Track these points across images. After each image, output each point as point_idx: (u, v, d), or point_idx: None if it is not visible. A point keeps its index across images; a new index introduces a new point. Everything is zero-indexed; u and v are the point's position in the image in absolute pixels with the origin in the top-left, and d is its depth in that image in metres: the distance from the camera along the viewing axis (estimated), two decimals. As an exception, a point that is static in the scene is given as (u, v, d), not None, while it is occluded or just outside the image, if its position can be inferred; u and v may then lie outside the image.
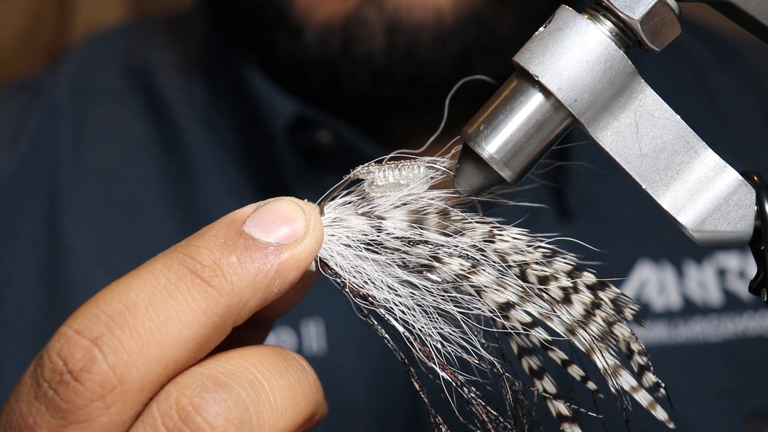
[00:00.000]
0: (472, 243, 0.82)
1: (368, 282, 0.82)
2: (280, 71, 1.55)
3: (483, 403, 0.80)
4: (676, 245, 1.61)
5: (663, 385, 0.83)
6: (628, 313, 0.83)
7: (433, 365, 0.80)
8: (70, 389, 0.73)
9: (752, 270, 0.84)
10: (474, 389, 0.80)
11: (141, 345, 0.74)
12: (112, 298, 0.75)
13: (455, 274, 0.81)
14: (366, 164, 0.84)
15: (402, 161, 0.85)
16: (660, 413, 0.82)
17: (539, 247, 0.83)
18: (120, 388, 0.73)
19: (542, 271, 0.82)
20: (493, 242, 0.82)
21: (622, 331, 0.82)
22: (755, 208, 0.81)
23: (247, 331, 0.82)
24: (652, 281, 1.59)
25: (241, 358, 0.78)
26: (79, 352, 0.74)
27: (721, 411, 1.55)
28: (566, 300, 0.82)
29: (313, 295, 1.24)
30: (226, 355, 0.78)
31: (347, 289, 0.82)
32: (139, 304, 0.75)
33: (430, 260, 0.82)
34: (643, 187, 0.82)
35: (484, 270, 0.82)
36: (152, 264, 0.77)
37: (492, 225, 0.83)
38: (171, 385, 0.75)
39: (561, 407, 0.83)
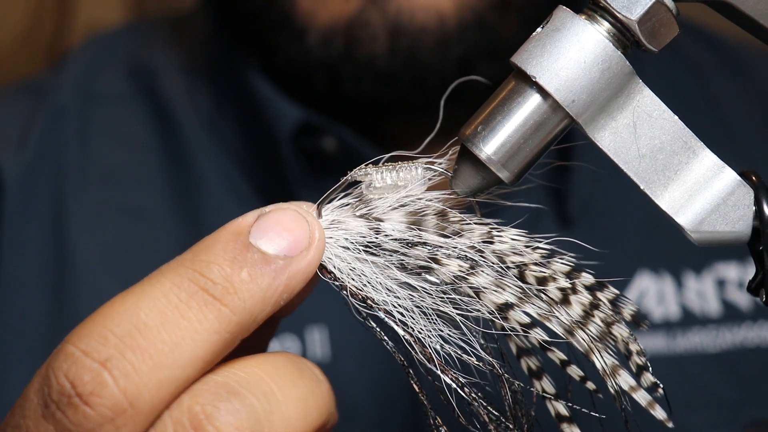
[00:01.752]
0: (471, 244, 0.82)
1: (367, 284, 0.82)
2: (284, 75, 1.56)
3: (484, 404, 0.79)
4: (675, 256, 1.61)
5: (661, 385, 0.83)
6: (627, 313, 0.83)
7: (433, 367, 0.80)
8: (79, 412, 0.72)
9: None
10: (474, 390, 0.80)
11: (152, 367, 0.73)
12: (120, 318, 0.74)
13: (454, 276, 0.81)
14: (363, 166, 0.84)
15: (400, 162, 0.85)
16: (659, 413, 0.82)
17: (537, 248, 0.83)
18: (131, 411, 0.72)
19: (540, 272, 0.82)
20: (491, 243, 0.82)
21: (620, 331, 0.82)
22: (753, 208, 0.81)
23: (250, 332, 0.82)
24: (651, 291, 1.59)
25: (255, 366, 0.77)
26: (88, 374, 0.72)
27: (719, 421, 1.54)
28: (564, 301, 0.82)
29: (317, 303, 1.24)
30: (240, 362, 0.77)
31: (345, 292, 0.82)
32: (150, 325, 0.73)
33: (429, 262, 0.82)
34: (641, 187, 0.82)
35: (482, 271, 0.81)
36: (160, 281, 0.75)
37: (490, 226, 0.83)
38: (183, 393, 0.75)
39: (560, 407, 0.83)
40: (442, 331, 0.81)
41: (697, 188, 0.82)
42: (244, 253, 0.76)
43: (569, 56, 0.80)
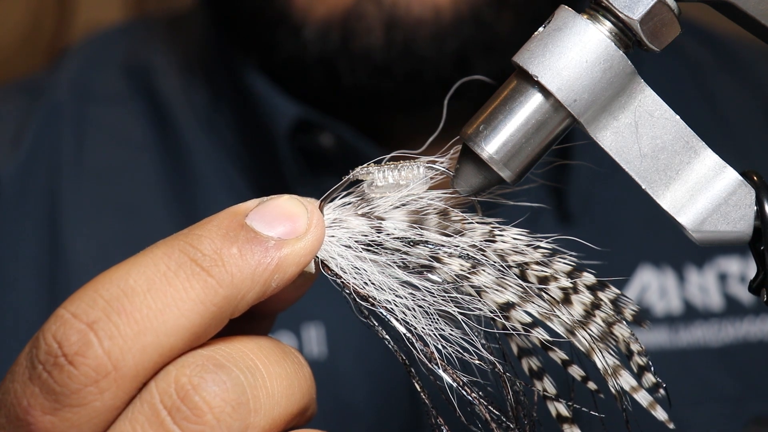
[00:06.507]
0: (472, 243, 0.82)
1: (368, 283, 0.82)
2: (281, 72, 1.56)
3: (486, 404, 0.80)
4: (677, 250, 1.61)
5: (664, 384, 0.83)
6: (628, 313, 0.83)
7: (435, 366, 0.80)
8: (64, 372, 0.73)
9: (753, 274, 0.84)
10: (475, 390, 0.80)
11: (137, 331, 0.74)
12: (110, 283, 0.75)
13: (455, 275, 0.81)
14: (365, 165, 0.84)
15: (401, 162, 0.85)
16: (660, 413, 0.82)
17: (539, 247, 0.83)
18: (114, 374, 0.73)
19: (542, 271, 0.82)
20: (493, 242, 0.82)
21: (621, 331, 0.82)
22: (755, 208, 0.81)
23: (248, 324, 0.82)
24: (653, 286, 1.59)
25: (240, 344, 0.78)
26: (75, 335, 0.73)
27: (722, 416, 1.54)
28: (566, 300, 0.82)
29: (313, 300, 1.24)
30: (225, 340, 0.78)
31: (347, 291, 0.82)
32: (137, 290, 0.75)
33: (431, 260, 0.82)
34: (643, 187, 0.82)
35: (484, 270, 0.82)
36: (153, 250, 0.77)
37: (492, 225, 0.83)
38: (170, 365, 0.76)
39: (561, 408, 0.83)
40: (443, 330, 0.81)
41: (699, 188, 0.82)
42: (237, 231, 0.77)
43: (571, 56, 0.80)
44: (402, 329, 0.81)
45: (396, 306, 0.81)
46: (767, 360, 1.59)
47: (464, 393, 0.80)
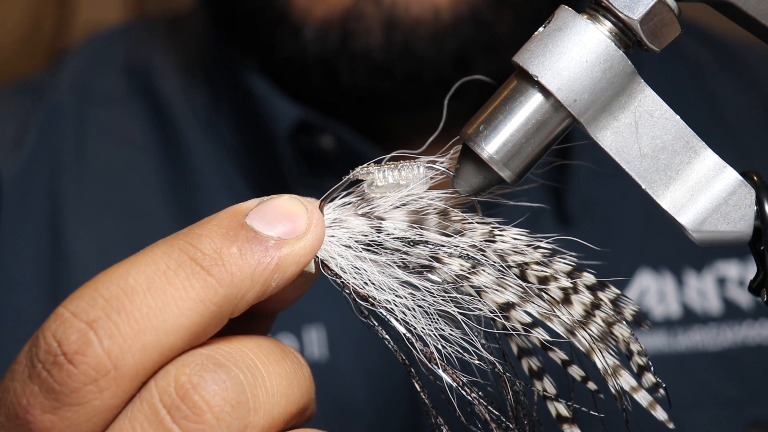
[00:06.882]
0: (472, 243, 0.82)
1: (368, 283, 0.82)
2: (281, 72, 1.56)
3: (486, 404, 0.79)
4: (675, 254, 1.61)
5: (664, 385, 0.83)
6: (628, 313, 0.83)
7: (435, 366, 0.80)
8: (63, 371, 0.73)
9: (752, 278, 0.84)
10: (475, 390, 0.80)
11: (137, 330, 0.74)
12: (110, 282, 0.75)
13: (455, 275, 0.81)
14: (365, 165, 0.84)
15: (401, 162, 0.85)
16: (660, 413, 0.82)
17: (539, 248, 0.83)
18: (114, 373, 0.73)
19: (542, 271, 0.82)
20: (493, 242, 0.82)
21: (621, 331, 0.82)
22: (755, 208, 0.81)
23: (248, 324, 0.82)
24: (651, 290, 1.59)
25: (240, 343, 0.78)
26: (75, 334, 0.73)
27: (720, 419, 1.54)
28: (566, 300, 0.82)
29: (314, 301, 1.24)
30: (225, 340, 0.78)
31: (347, 291, 0.82)
32: (137, 289, 0.75)
33: (430, 260, 0.82)
34: (643, 187, 0.82)
35: (484, 270, 0.82)
36: (153, 249, 0.77)
37: (492, 225, 0.83)
38: (170, 364, 0.76)
39: (561, 408, 0.83)
40: (443, 330, 0.81)
41: (699, 188, 0.82)
42: (237, 230, 0.77)
43: (571, 56, 0.80)
44: (402, 329, 0.81)
45: (396, 306, 0.81)
46: (766, 364, 1.59)
47: (464, 393, 0.80)
